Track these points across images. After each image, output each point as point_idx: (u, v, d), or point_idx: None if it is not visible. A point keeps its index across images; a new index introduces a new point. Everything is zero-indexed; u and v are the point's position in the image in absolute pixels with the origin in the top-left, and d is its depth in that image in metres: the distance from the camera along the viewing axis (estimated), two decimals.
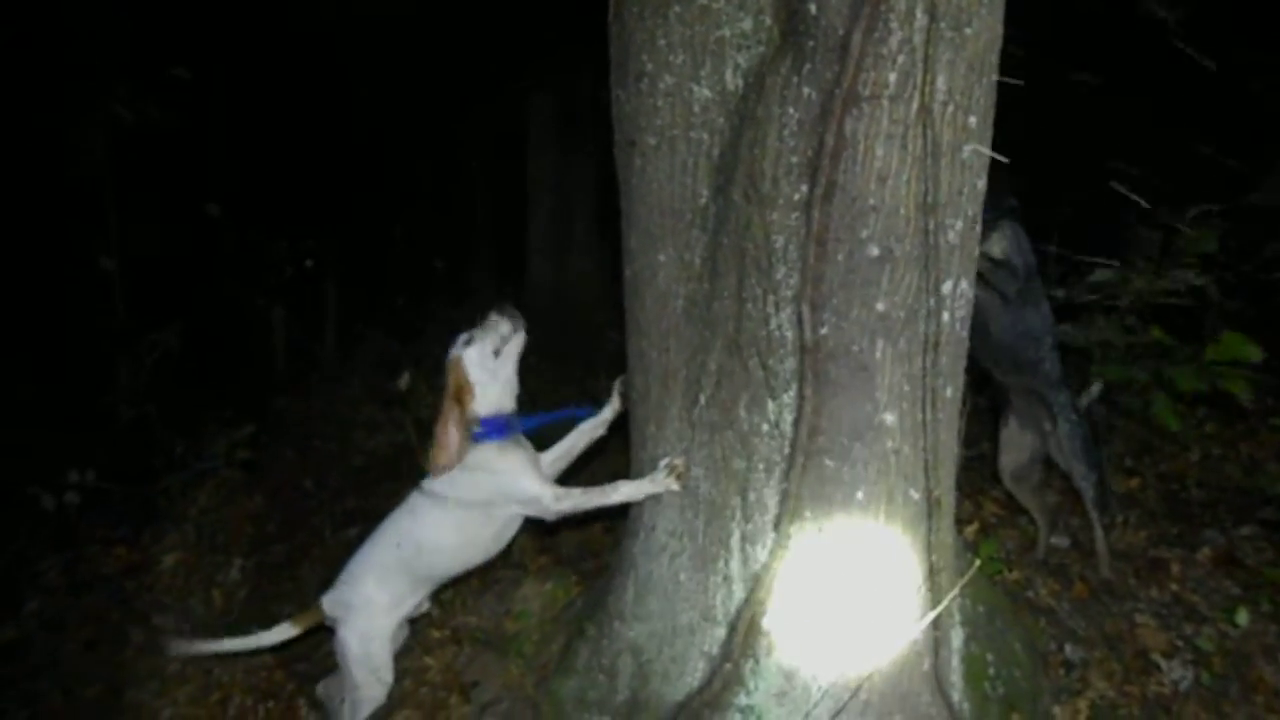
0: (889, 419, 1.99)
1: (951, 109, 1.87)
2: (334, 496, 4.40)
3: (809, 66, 1.89)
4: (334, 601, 2.51)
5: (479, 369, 2.35)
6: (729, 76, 2.01)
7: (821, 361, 1.96)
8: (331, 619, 2.52)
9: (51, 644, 3.44)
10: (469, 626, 2.82)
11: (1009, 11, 1.92)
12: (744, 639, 2.09)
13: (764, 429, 2.06)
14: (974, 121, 1.92)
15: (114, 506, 4.26)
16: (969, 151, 1.92)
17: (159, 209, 6.34)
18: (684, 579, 2.21)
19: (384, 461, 4.64)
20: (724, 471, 2.13)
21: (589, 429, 2.56)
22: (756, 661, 2.08)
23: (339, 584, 2.52)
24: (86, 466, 4.20)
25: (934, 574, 2.06)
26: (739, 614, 2.11)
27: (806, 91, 1.90)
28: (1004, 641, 2.31)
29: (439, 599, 2.84)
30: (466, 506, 2.38)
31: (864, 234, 1.90)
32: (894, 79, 1.82)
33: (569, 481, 2.42)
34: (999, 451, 3.06)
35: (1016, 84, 1.96)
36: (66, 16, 5.42)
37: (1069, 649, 2.58)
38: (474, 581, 2.95)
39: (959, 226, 1.97)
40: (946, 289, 1.98)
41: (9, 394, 5.07)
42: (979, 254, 2.15)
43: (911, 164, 1.86)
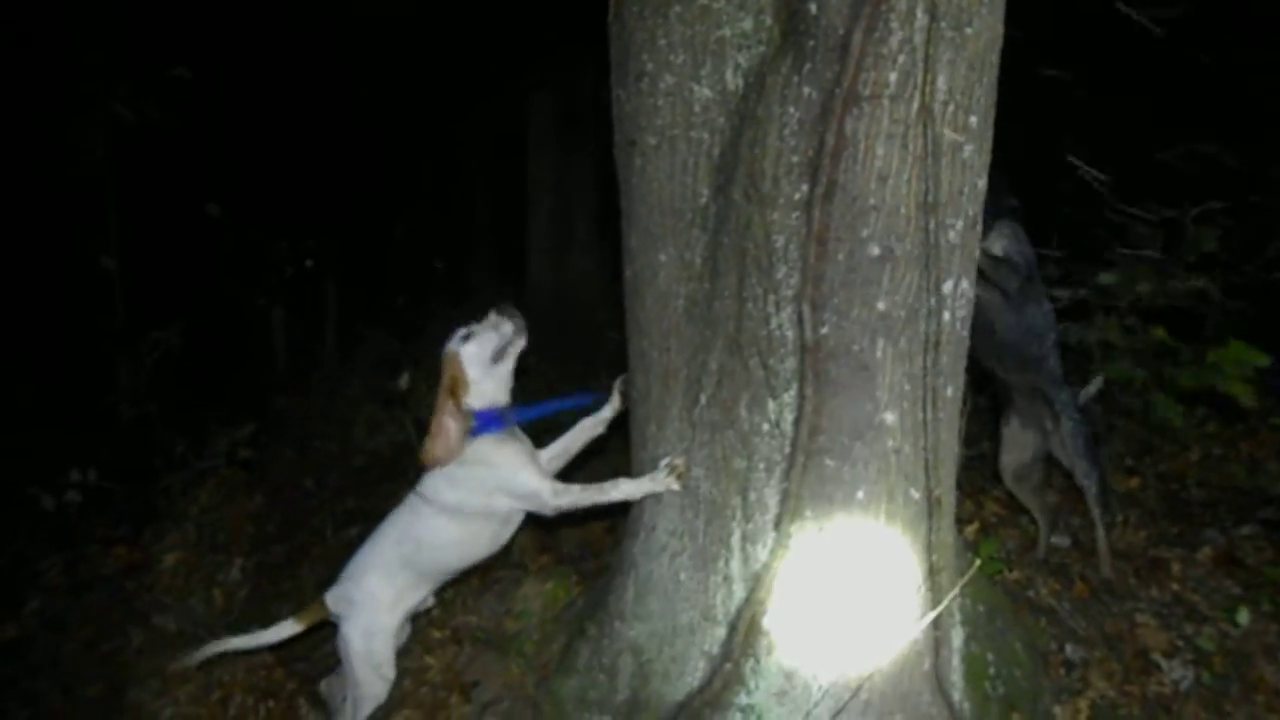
0: (890, 418, 1.99)
1: (952, 109, 1.87)
2: (334, 496, 4.39)
3: (809, 66, 1.89)
4: (337, 597, 2.51)
5: (475, 365, 2.34)
6: (729, 76, 2.01)
7: (822, 361, 1.96)
8: (335, 615, 2.51)
9: (52, 643, 3.44)
10: (469, 626, 2.81)
11: (1009, 11, 1.93)
12: (744, 638, 2.09)
13: (764, 428, 2.06)
14: (974, 121, 1.92)
15: (114, 506, 4.27)
16: (969, 151, 1.92)
17: (159, 209, 6.35)
18: (684, 578, 2.21)
19: (384, 461, 4.63)
20: (724, 471, 2.13)
21: (588, 427, 2.54)
22: (757, 661, 2.08)
23: (342, 580, 2.52)
24: (87, 466, 4.21)
25: (934, 573, 2.06)
26: (739, 613, 2.11)
27: (807, 91, 1.90)
28: (1004, 641, 2.31)
29: (440, 597, 2.84)
30: (466, 504, 2.38)
31: (865, 233, 1.90)
32: (894, 79, 1.82)
33: (568, 480, 2.40)
34: (1000, 451, 3.06)
35: (1015, 86, 1.96)
36: (66, 16, 5.42)
37: (1069, 649, 2.57)
38: (474, 581, 2.95)
39: (959, 226, 1.97)
40: (947, 288, 1.98)
41: (9, 394, 5.08)
42: (980, 251, 2.15)
43: (912, 163, 1.87)
